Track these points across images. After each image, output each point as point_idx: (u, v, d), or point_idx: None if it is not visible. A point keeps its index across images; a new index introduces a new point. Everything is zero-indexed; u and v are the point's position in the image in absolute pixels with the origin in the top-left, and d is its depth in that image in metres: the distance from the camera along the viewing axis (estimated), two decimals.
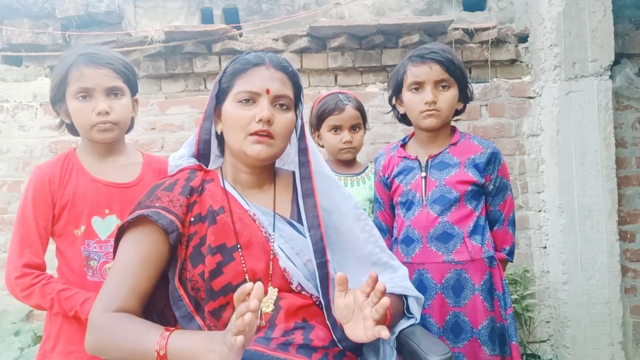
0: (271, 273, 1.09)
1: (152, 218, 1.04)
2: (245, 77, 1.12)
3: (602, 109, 2.61)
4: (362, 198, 1.83)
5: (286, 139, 1.16)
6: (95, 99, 1.33)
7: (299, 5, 3.06)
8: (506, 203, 1.64)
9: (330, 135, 1.82)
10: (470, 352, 1.51)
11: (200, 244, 1.08)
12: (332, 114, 1.79)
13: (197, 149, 1.24)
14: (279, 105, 1.13)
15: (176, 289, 1.07)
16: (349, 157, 1.85)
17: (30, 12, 2.75)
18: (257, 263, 1.09)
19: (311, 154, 1.22)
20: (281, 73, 1.14)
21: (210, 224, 1.09)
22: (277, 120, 1.12)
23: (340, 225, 1.21)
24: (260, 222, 1.13)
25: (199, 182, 1.16)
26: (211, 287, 1.05)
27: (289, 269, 1.10)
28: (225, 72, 1.16)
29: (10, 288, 1.32)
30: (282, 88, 1.13)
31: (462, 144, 1.62)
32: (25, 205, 1.33)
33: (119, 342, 0.96)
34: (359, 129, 1.84)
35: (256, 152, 1.11)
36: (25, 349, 2.42)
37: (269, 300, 1.07)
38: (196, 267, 1.07)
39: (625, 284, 2.79)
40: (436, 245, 1.55)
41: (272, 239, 1.12)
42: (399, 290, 1.16)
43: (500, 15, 3.04)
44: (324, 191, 1.20)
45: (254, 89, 1.11)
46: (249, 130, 1.10)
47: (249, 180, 1.20)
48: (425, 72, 1.53)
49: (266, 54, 1.16)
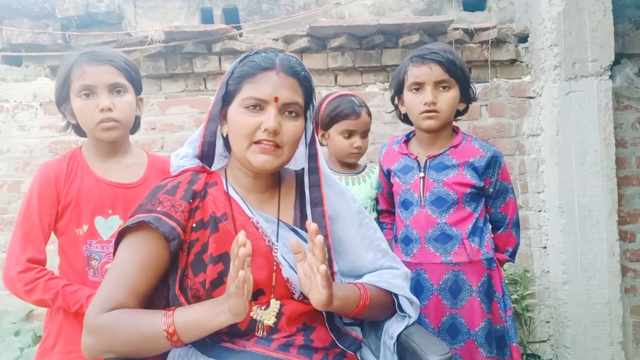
0: (274, 284, 1.07)
1: (153, 225, 1.01)
2: (254, 82, 1.07)
3: (602, 109, 2.61)
4: (363, 196, 1.83)
5: (294, 147, 1.12)
6: (98, 96, 1.34)
7: (299, 5, 3.06)
8: (508, 206, 1.64)
9: (340, 139, 1.79)
10: (466, 354, 1.50)
11: (201, 251, 1.06)
12: (348, 118, 1.76)
13: (202, 150, 1.20)
14: (288, 112, 1.09)
15: (177, 297, 1.05)
16: (355, 161, 1.86)
17: (30, 12, 2.75)
18: (260, 272, 1.06)
19: (320, 160, 1.19)
20: (292, 79, 1.09)
21: (213, 232, 1.07)
22: (285, 129, 1.07)
23: (343, 235, 1.20)
24: (263, 230, 1.10)
25: (202, 186, 1.13)
26: (212, 298, 1.02)
27: (292, 279, 1.08)
28: (232, 73, 1.11)
29: (11, 283, 1.30)
30: (292, 95, 1.08)
31: (462, 147, 1.61)
32: (31, 201, 1.34)
33: (124, 336, 0.95)
34: (367, 134, 1.85)
35: (261, 163, 1.07)
36: (25, 349, 2.42)
37: (271, 313, 1.05)
38: (197, 275, 1.05)
39: (625, 284, 2.79)
40: (434, 246, 1.55)
41: (275, 248, 1.09)
42: (384, 285, 1.15)
43: (500, 15, 3.04)
44: (329, 199, 1.18)
45: (262, 96, 1.06)
46: (254, 138, 1.06)
47: (253, 184, 1.16)
48: (425, 73, 1.53)
49: (277, 56, 1.10)
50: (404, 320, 1.16)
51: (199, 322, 0.94)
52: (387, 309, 1.17)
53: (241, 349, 1.02)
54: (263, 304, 1.06)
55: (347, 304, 1.06)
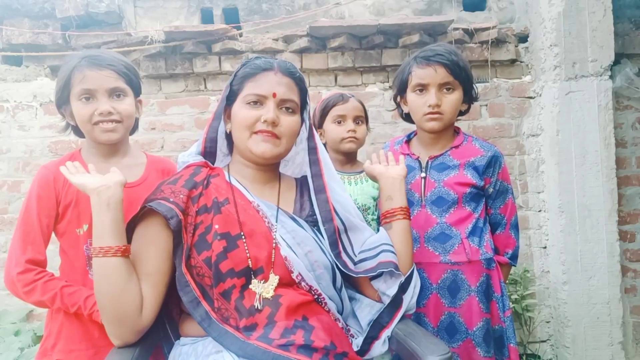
0: (273, 261, 1.14)
1: (152, 207, 1.10)
2: (254, 81, 1.20)
3: (602, 109, 2.61)
4: (365, 196, 1.84)
5: (291, 139, 1.24)
6: (97, 100, 1.35)
7: (299, 5, 3.06)
8: (507, 206, 1.63)
9: (334, 126, 1.85)
10: (464, 353, 1.50)
11: (205, 232, 1.13)
12: (337, 104, 1.85)
13: (204, 146, 1.30)
14: (285, 108, 1.21)
15: (183, 275, 1.10)
16: (352, 148, 1.85)
17: (30, 12, 2.75)
18: (260, 251, 1.13)
19: (320, 152, 1.31)
20: (288, 78, 1.22)
21: (216, 214, 1.15)
22: (283, 122, 1.20)
23: (349, 216, 1.29)
24: (263, 212, 1.19)
25: (204, 176, 1.22)
26: (219, 270, 1.09)
27: (290, 257, 1.14)
28: (236, 75, 1.24)
29: (11, 284, 1.31)
30: (288, 92, 1.21)
31: (464, 147, 1.61)
32: (30, 203, 1.35)
33: None
34: (361, 122, 1.88)
35: (261, 150, 1.18)
36: (25, 349, 2.42)
37: (270, 287, 1.11)
38: (201, 254, 1.11)
39: (625, 284, 2.79)
40: (433, 246, 1.55)
41: (274, 228, 1.17)
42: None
43: (500, 15, 3.05)
44: (332, 189, 1.28)
45: (262, 92, 1.19)
46: (255, 129, 1.18)
47: (255, 176, 1.26)
48: (430, 75, 1.53)
49: (275, 60, 1.24)
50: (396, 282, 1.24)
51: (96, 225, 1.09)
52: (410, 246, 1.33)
53: (245, 339, 1.05)
54: (262, 279, 1.12)
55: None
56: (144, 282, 1.10)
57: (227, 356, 1.03)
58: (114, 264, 1.06)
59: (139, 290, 1.08)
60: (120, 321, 1.06)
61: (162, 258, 1.12)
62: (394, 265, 1.20)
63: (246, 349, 1.03)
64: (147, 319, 1.09)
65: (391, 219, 1.34)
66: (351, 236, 1.28)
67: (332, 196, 1.27)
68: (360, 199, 1.82)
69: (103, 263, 1.06)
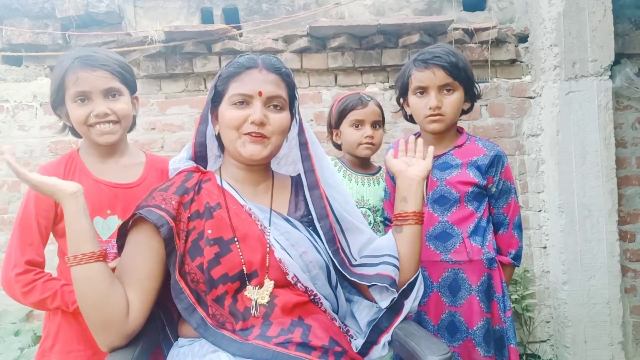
0: (268, 265, 1.12)
1: (143, 216, 1.09)
2: (239, 81, 1.17)
3: (602, 109, 2.61)
4: (377, 198, 1.83)
5: (281, 137, 1.21)
6: (93, 102, 1.33)
7: (299, 5, 3.06)
8: (510, 206, 1.63)
9: (351, 131, 1.82)
10: (464, 352, 1.51)
11: (198, 238, 1.12)
12: (355, 108, 1.81)
13: (194, 152, 1.29)
14: (273, 105, 1.18)
15: (177, 282, 1.10)
16: (368, 154, 1.84)
17: (30, 12, 2.74)
18: (254, 254, 1.12)
19: (311, 147, 1.27)
20: (274, 75, 1.18)
21: (208, 219, 1.14)
22: (272, 120, 1.16)
23: (343, 211, 1.27)
24: (256, 216, 1.17)
25: (195, 182, 1.20)
26: (211, 277, 1.08)
27: (285, 259, 1.13)
28: (220, 76, 1.21)
29: (9, 285, 1.30)
30: (275, 89, 1.17)
31: (466, 146, 1.61)
32: (28, 204, 1.33)
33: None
34: (379, 126, 1.86)
35: (250, 153, 1.16)
36: (25, 349, 2.42)
37: (265, 292, 1.10)
38: (194, 260, 1.10)
39: (625, 284, 2.79)
40: (435, 244, 1.56)
41: (267, 231, 1.16)
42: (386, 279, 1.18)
43: (500, 15, 3.04)
44: (326, 185, 1.26)
45: (247, 92, 1.15)
46: (243, 130, 1.16)
47: (246, 177, 1.24)
48: (429, 78, 1.53)
49: (259, 57, 1.20)
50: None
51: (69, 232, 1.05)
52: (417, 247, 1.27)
53: (243, 340, 1.04)
54: (257, 285, 1.11)
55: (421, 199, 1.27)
56: (133, 287, 1.08)
57: (223, 355, 1.03)
58: (96, 269, 1.04)
59: (123, 294, 1.05)
60: (106, 327, 1.03)
61: (154, 264, 1.11)
62: (391, 281, 1.16)
63: (245, 348, 1.02)
64: (135, 323, 1.06)
65: (402, 223, 1.25)
66: (348, 237, 1.25)
67: (327, 192, 1.24)
68: (371, 200, 1.82)
69: (86, 270, 1.03)
